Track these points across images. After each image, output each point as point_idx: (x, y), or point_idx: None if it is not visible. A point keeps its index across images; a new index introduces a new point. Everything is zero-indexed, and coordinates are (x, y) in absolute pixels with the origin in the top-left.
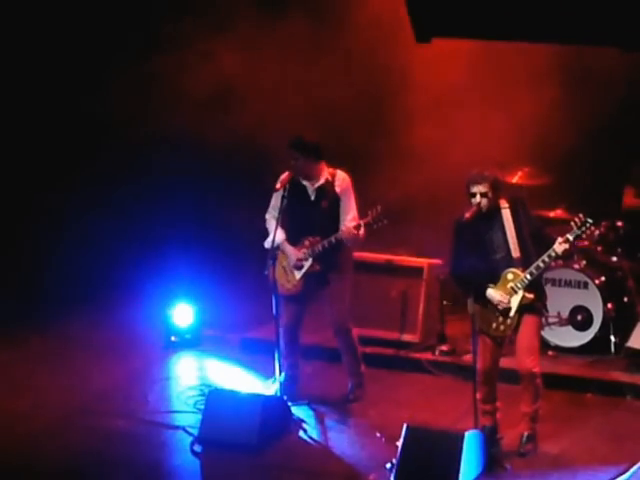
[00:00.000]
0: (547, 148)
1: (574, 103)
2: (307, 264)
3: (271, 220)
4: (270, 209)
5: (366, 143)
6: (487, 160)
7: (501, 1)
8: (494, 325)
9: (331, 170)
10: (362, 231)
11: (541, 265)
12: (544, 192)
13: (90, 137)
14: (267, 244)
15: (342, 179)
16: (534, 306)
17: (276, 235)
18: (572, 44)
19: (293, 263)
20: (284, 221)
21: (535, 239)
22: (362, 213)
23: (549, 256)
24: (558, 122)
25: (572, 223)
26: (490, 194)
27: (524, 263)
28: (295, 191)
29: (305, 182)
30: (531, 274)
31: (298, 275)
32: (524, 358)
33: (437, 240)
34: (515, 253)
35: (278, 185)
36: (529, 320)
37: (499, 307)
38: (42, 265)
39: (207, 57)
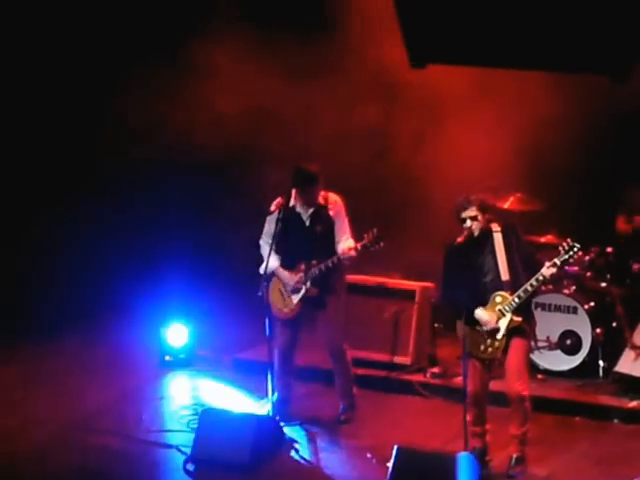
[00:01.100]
0: (539, 174)
1: (566, 129)
2: (304, 288)
3: (265, 246)
4: (263, 235)
5: (361, 165)
6: (481, 185)
7: (495, 29)
8: (482, 347)
9: (323, 193)
10: (355, 254)
11: (529, 289)
12: (536, 217)
13: (87, 157)
14: (262, 270)
15: (334, 202)
16: (522, 329)
17: (270, 261)
18: (564, 73)
19: (291, 287)
20: (278, 246)
21: (525, 264)
22: (358, 236)
23: (537, 280)
24: (550, 148)
25: (560, 248)
26: (480, 217)
27: (513, 286)
28: (289, 217)
29: (299, 208)
30: (519, 297)
31: (296, 299)
32: (513, 381)
33: (430, 263)
34: (504, 276)
35: (273, 208)
36: (517, 343)
37: (486, 328)
38: (38, 283)
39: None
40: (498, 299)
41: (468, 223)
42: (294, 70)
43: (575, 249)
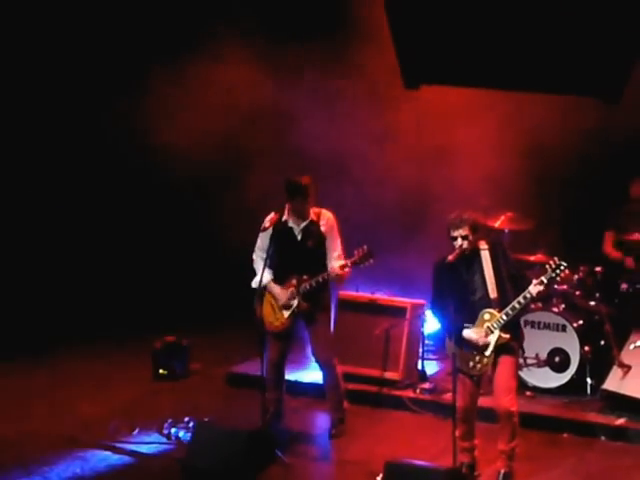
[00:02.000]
0: (529, 194)
1: (557, 149)
2: (295, 303)
3: (258, 260)
4: (257, 249)
5: (357, 181)
6: (472, 203)
7: (489, 51)
8: (471, 364)
9: (316, 210)
10: (347, 270)
11: (517, 306)
12: (526, 236)
13: (83, 171)
14: (254, 284)
15: (327, 219)
16: (510, 346)
17: (263, 276)
18: (557, 94)
19: (282, 303)
20: (271, 260)
21: (513, 281)
22: (349, 252)
23: (524, 297)
24: (541, 168)
25: (547, 266)
26: (470, 236)
27: (501, 304)
28: (282, 232)
29: (291, 223)
30: (507, 315)
31: (286, 314)
32: (501, 397)
33: (421, 280)
34: (492, 294)
35: (267, 224)
36: (505, 360)
37: (479, 344)
38: (31, 298)
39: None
40: (486, 316)
41: (459, 241)
42: (292, 77)
43: (562, 267)
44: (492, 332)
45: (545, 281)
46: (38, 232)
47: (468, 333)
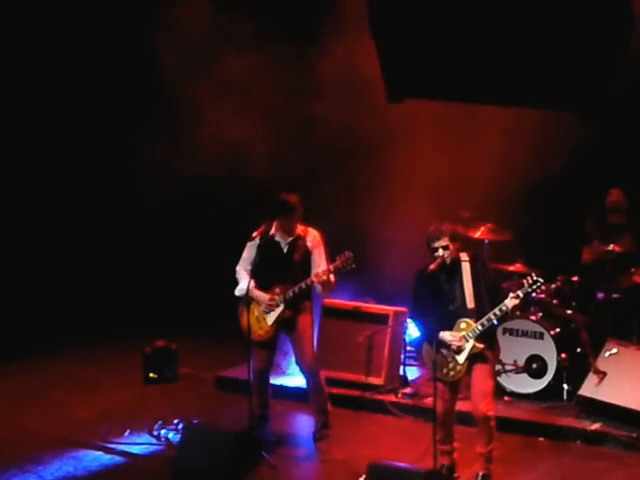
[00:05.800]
0: (508, 205)
1: (534, 161)
2: (279, 310)
3: (242, 271)
4: (242, 261)
5: (334, 190)
6: (453, 215)
7: (473, 67)
8: (445, 370)
9: (303, 227)
10: (332, 278)
11: (492, 317)
12: (505, 247)
13: (78, 178)
14: (238, 292)
15: (314, 236)
16: (484, 355)
17: (247, 283)
18: (539, 109)
19: (265, 306)
20: (256, 272)
21: (491, 293)
22: (332, 260)
23: (500, 310)
24: (520, 180)
25: (524, 281)
26: (451, 246)
27: (477, 314)
28: (268, 245)
29: (278, 238)
30: (482, 325)
31: (270, 321)
32: (478, 402)
33: (403, 289)
34: (470, 304)
35: (255, 234)
36: (481, 367)
37: (453, 347)
38: (26, 301)
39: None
40: (463, 325)
41: (440, 252)
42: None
43: (538, 284)
44: (467, 341)
45: (521, 296)
46: (32, 237)
47: (444, 335)
